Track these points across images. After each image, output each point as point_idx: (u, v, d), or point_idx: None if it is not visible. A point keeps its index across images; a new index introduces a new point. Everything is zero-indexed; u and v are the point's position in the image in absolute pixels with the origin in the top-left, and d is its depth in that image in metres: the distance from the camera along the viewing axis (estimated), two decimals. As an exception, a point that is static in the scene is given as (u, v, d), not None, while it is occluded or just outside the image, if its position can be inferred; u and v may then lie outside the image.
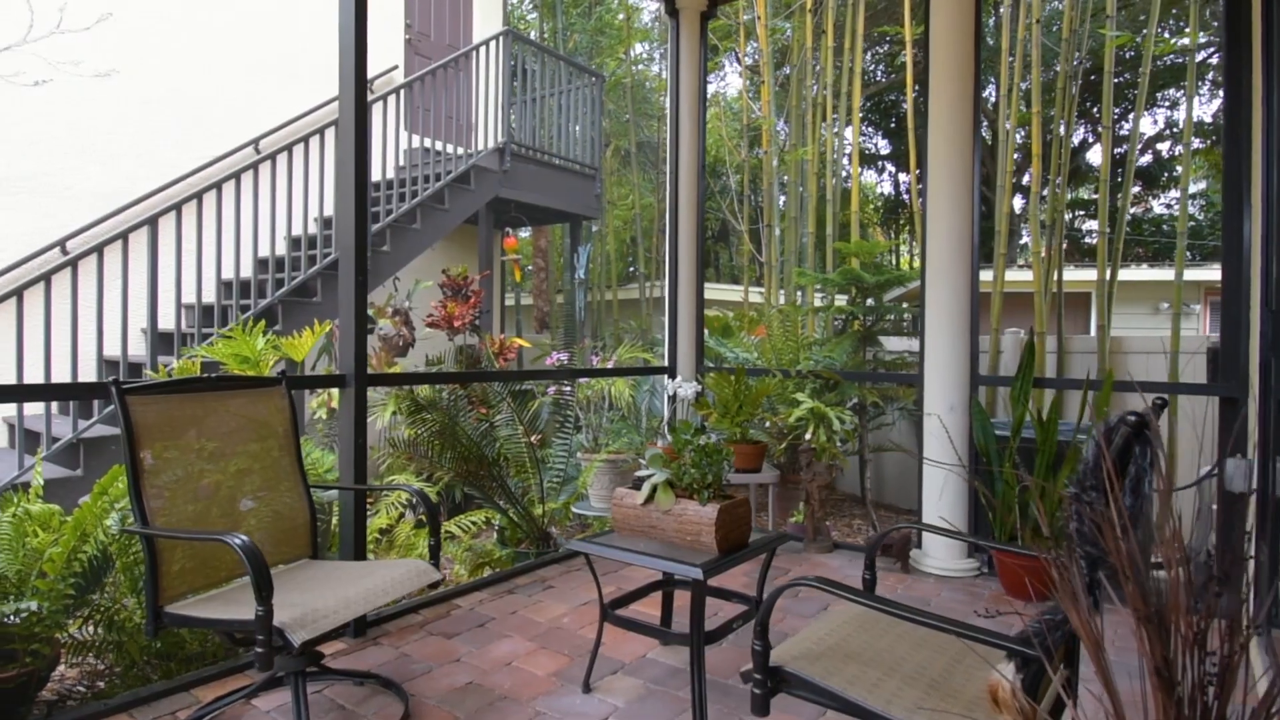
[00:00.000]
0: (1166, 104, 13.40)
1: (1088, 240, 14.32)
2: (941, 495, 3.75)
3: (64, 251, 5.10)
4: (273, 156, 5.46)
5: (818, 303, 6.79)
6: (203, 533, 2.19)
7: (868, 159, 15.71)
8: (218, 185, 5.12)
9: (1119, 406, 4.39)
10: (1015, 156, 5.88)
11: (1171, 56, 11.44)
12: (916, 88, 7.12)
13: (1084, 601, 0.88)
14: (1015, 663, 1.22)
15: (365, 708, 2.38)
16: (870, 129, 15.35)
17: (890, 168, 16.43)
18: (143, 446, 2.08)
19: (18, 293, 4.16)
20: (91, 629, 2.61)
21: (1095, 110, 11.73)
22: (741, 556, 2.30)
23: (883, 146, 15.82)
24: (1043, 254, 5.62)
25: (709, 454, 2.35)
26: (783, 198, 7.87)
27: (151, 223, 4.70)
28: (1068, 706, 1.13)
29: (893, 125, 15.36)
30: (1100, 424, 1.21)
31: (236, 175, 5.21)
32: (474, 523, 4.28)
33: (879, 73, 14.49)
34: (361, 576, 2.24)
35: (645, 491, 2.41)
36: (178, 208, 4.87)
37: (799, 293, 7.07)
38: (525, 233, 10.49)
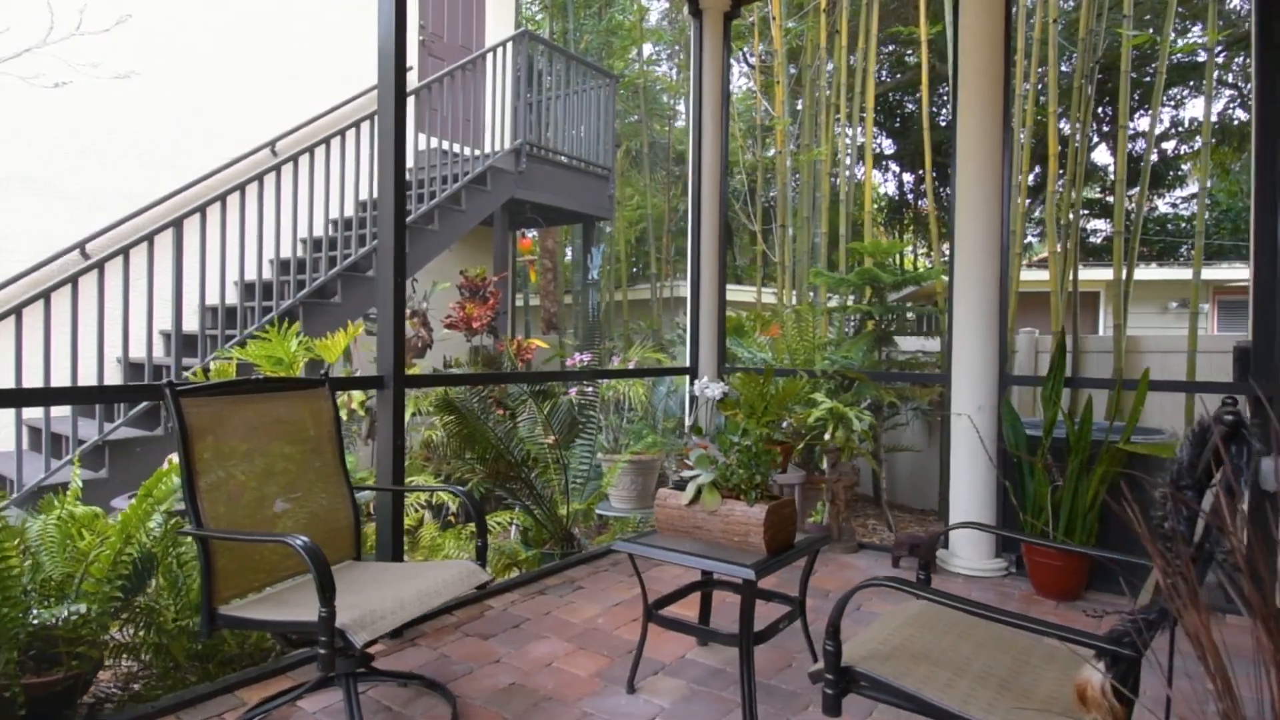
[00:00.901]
0: (1172, 103, 13.40)
1: (1092, 240, 14.33)
2: (969, 495, 3.75)
3: (84, 255, 5.10)
4: (294, 159, 5.46)
5: (832, 303, 6.79)
6: (264, 534, 2.19)
7: (874, 159, 15.71)
8: (241, 187, 5.11)
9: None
10: (1030, 156, 5.89)
11: (1179, 56, 11.45)
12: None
13: (1202, 602, 0.89)
14: (1105, 661, 1.22)
15: (412, 709, 2.38)
16: (875, 129, 15.35)
17: (895, 168, 16.43)
18: (196, 447, 2.08)
19: (45, 294, 4.16)
20: (133, 631, 2.61)
21: (1102, 110, 11.74)
22: (790, 557, 2.31)
23: (887, 146, 15.81)
24: (1058, 253, 5.63)
25: (757, 455, 2.35)
26: (792, 197, 7.88)
27: (176, 225, 4.70)
28: (1160, 691, 1.13)
29: (897, 125, 15.35)
30: (1194, 424, 1.22)
31: (259, 177, 5.21)
32: (499, 524, 4.29)
33: (883, 73, 14.50)
34: (410, 577, 2.24)
35: (691, 491, 2.42)
36: (202, 210, 4.87)
37: (811, 292, 7.07)
38: (533, 233, 10.48)
